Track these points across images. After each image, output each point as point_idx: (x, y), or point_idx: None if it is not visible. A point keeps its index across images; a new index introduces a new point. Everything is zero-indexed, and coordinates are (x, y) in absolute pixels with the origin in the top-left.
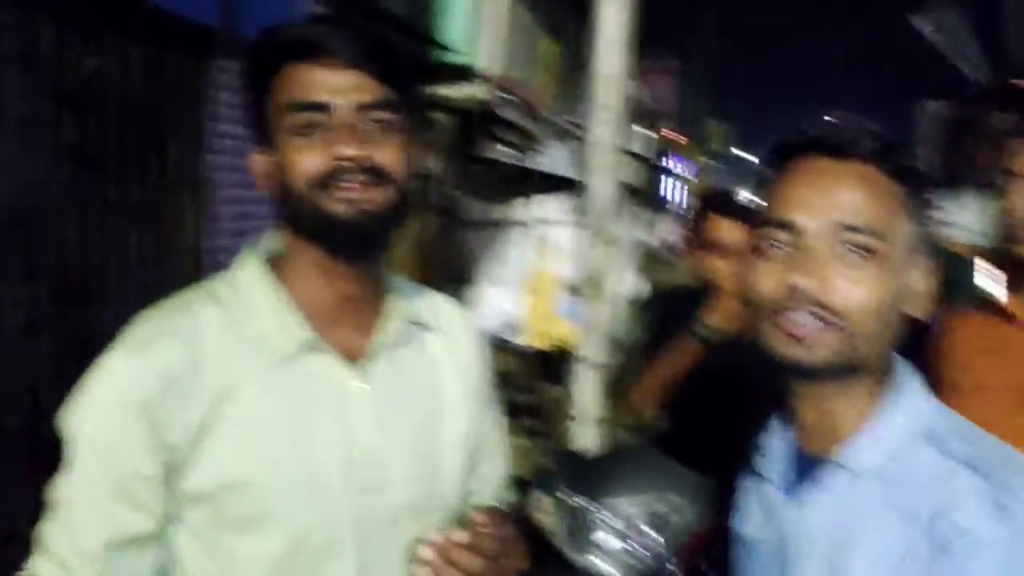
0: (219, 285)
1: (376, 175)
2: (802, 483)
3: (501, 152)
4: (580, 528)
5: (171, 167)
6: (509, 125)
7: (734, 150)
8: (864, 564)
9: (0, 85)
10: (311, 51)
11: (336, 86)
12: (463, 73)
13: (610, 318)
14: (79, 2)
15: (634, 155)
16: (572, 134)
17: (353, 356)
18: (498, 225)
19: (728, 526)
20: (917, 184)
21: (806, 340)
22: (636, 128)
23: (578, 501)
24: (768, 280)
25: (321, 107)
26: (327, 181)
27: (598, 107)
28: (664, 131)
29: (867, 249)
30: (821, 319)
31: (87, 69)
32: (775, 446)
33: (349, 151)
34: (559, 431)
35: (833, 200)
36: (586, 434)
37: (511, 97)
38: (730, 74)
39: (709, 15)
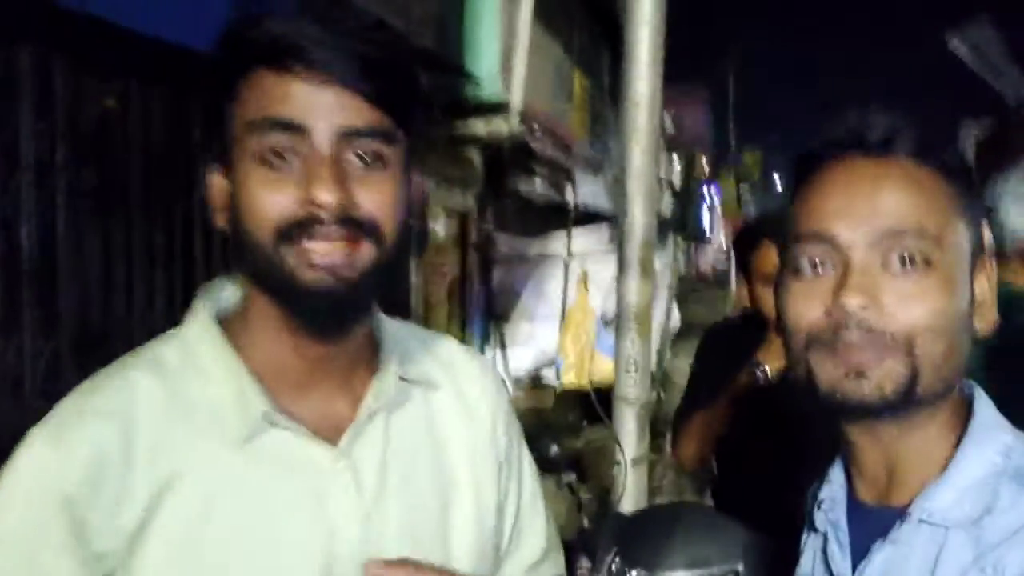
0: (165, 347)
1: (359, 228)
2: (866, 539)
3: (535, 187)
4: None
5: (196, 210)
6: (542, 159)
7: (776, 177)
8: None
9: (16, 128)
10: (288, 56)
11: (316, 104)
12: (494, 108)
13: (650, 353)
14: (95, 42)
15: (670, 186)
16: (606, 166)
17: (332, 431)
18: (535, 260)
19: None
20: (967, 181)
21: (866, 372)
22: (672, 158)
23: (632, 573)
24: (811, 306)
25: (294, 128)
26: (295, 232)
27: (631, 132)
28: (700, 161)
29: (923, 258)
30: (879, 344)
31: (105, 111)
32: (834, 497)
33: (327, 195)
34: (603, 477)
35: (876, 205)
36: (631, 479)
37: (543, 131)
38: (769, 104)
39: (742, 44)
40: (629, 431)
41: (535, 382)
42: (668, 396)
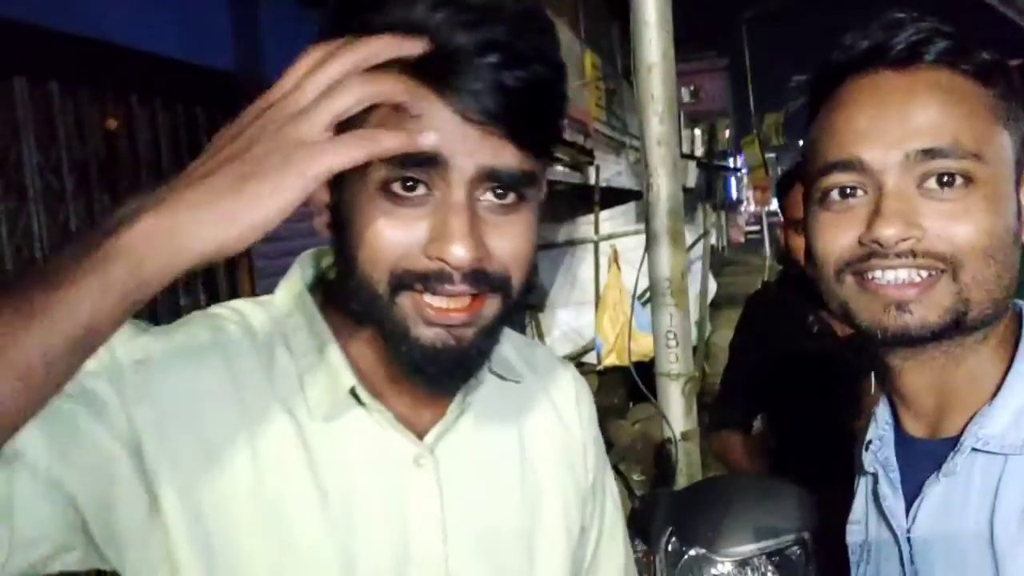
0: (255, 309)
1: (491, 283)
2: (918, 476)
3: (557, 171)
4: None
5: None
6: (562, 143)
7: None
8: (1022, 566)
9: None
10: (433, 69)
11: (459, 136)
12: None
13: (689, 324)
14: (92, 63)
15: (695, 158)
16: (626, 145)
17: (419, 424)
18: (564, 246)
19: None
20: (1007, 83)
21: (909, 306)
22: (696, 131)
23: (691, 552)
24: (842, 236)
25: (431, 162)
26: (416, 284)
27: (647, 101)
28: (723, 130)
29: (963, 176)
30: (924, 271)
31: (106, 132)
32: (882, 436)
33: (461, 252)
34: (654, 456)
35: (905, 122)
36: (683, 455)
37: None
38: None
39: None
40: (675, 406)
41: (578, 368)
42: (712, 370)
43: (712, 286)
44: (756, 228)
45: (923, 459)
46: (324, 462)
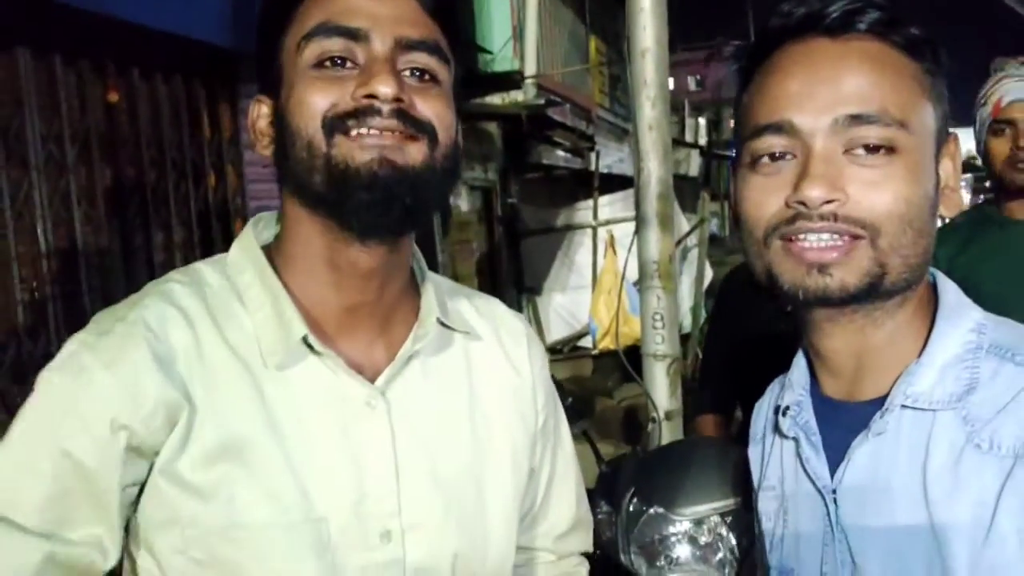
0: (208, 268)
1: (416, 126)
2: (840, 438)
3: (557, 156)
4: (653, 542)
5: (204, 202)
6: (562, 128)
7: None
8: (959, 513)
9: (21, 125)
10: None
11: (375, 13)
12: (509, 79)
13: (676, 307)
14: (94, 36)
15: (698, 146)
16: (629, 132)
17: (370, 369)
18: (562, 231)
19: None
20: (934, 58)
21: (829, 268)
22: (701, 120)
23: (650, 511)
24: (769, 199)
25: (353, 34)
26: (348, 122)
27: (640, 86)
28: (727, 119)
29: (887, 144)
30: (844, 235)
31: (108, 104)
32: (799, 401)
33: (384, 87)
34: (642, 434)
35: (836, 88)
36: (667, 433)
37: (561, 99)
38: None
39: None
40: (660, 386)
41: (573, 351)
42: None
43: (708, 273)
44: None
45: (843, 420)
46: (280, 407)
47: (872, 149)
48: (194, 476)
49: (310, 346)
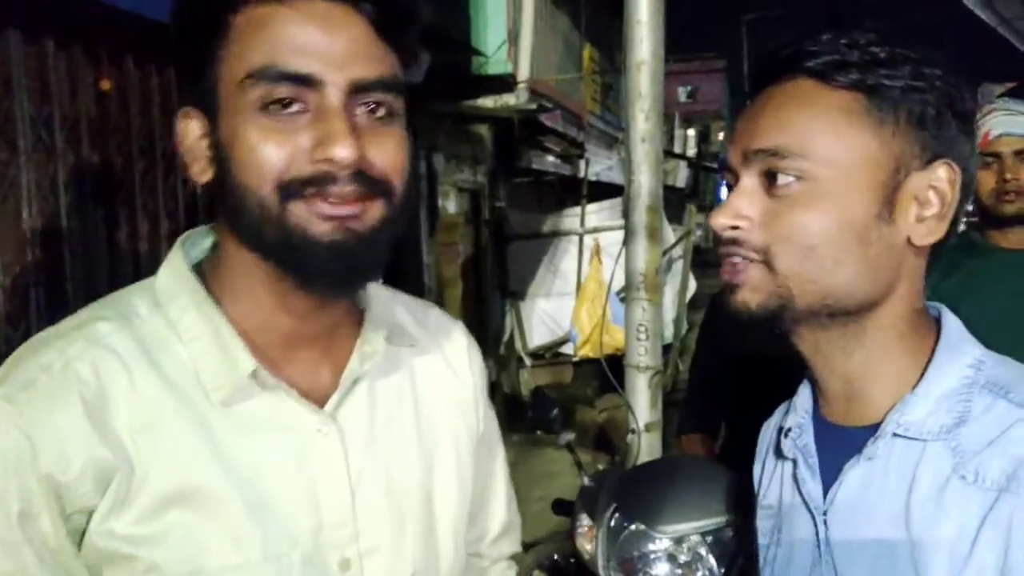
0: (135, 297)
1: (375, 187)
2: (835, 461)
3: (547, 162)
4: (632, 559)
5: (192, 193)
6: (553, 133)
7: None
8: (940, 542)
9: (10, 107)
10: None
11: (328, 53)
12: (502, 82)
13: (660, 319)
14: (88, 22)
15: (686, 158)
16: (619, 140)
17: (317, 394)
18: (549, 236)
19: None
20: (902, 92)
21: (735, 285)
22: (690, 132)
23: (631, 528)
24: (712, 225)
25: (304, 81)
26: (305, 189)
27: (635, 97)
28: (716, 131)
29: (793, 174)
30: (744, 259)
31: (99, 91)
32: (801, 424)
33: (344, 152)
34: (621, 444)
35: (750, 126)
36: (645, 444)
37: (553, 104)
38: None
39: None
40: (641, 398)
41: (554, 357)
42: (686, 367)
43: (692, 284)
44: None
45: (840, 444)
46: (229, 444)
47: (779, 180)
48: (139, 529)
49: (258, 379)
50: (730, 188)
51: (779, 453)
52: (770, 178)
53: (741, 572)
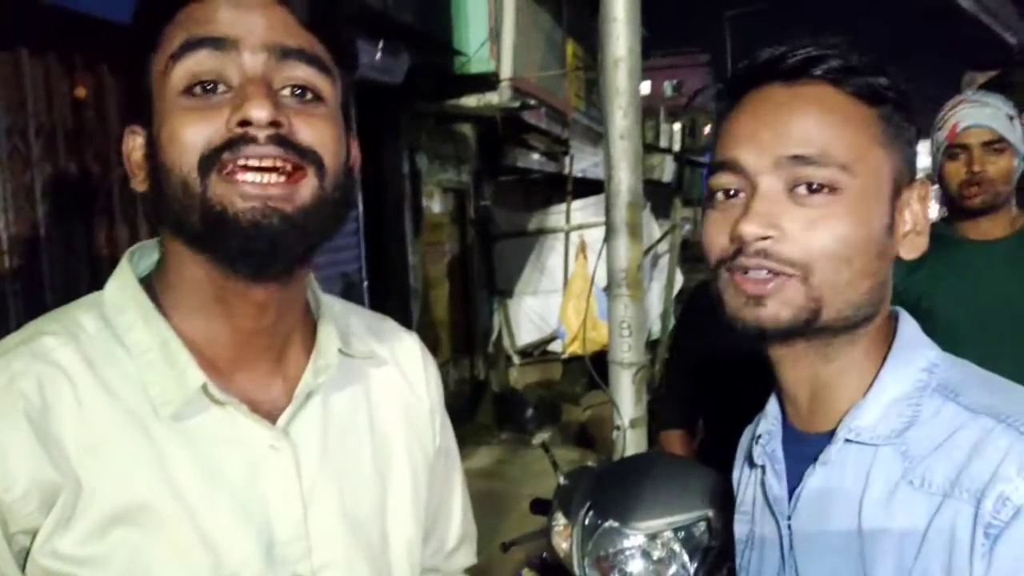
0: (81, 312)
1: (300, 154)
2: (801, 467)
3: (531, 160)
4: (607, 555)
5: None
6: (537, 131)
7: None
8: (888, 546)
9: None
10: None
11: (245, 21)
12: (484, 81)
13: (643, 315)
14: (61, 30)
15: (671, 152)
16: (603, 136)
17: (270, 407)
18: (535, 234)
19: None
20: (895, 104)
21: (763, 300)
22: (675, 126)
23: (605, 525)
24: (720, 233)
25: (219, 44)
26: (222, 155)
27: (612, 94)
28: (702, 126)
29: (827, 184)
30: (776, 272)
31: (75, 99)
32: (770, 431)
33: (259, 111)
34: (607, 441)
35: (780, 131)
36: (631, 440)
37: (536, 102)
38: None
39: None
40: (626, 394)
41: (543, 355)
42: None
43: (679, 279)
44: None
45: (805, 451)
46: (178, 461)
47: (812, 189)
48: (84, 550)
49: (208, 394)
50: (719, 194)
51: (751, 460)
52: (802, 186)
53: (713, 566)
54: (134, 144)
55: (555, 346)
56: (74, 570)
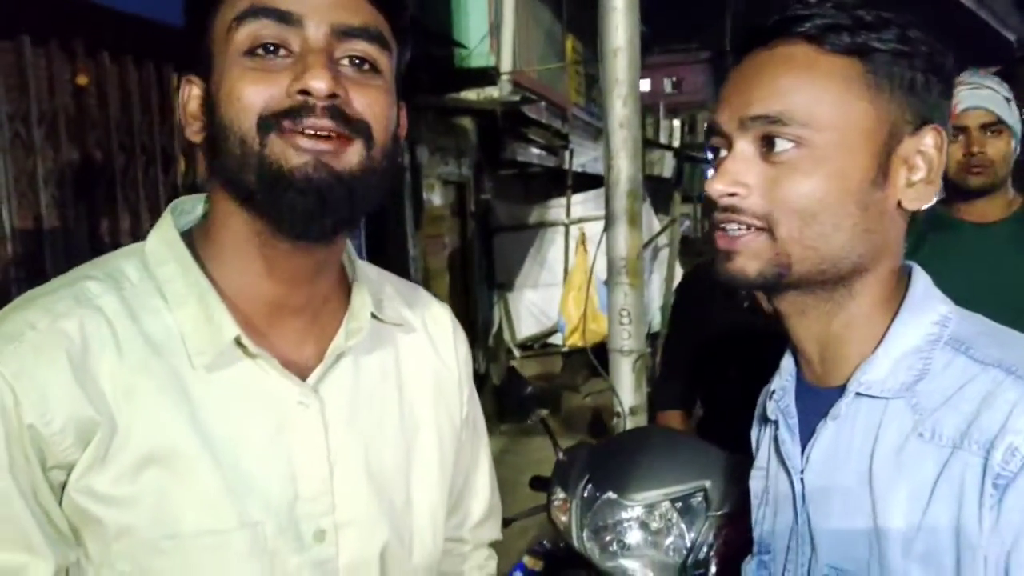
0: (125, 261)
1: (351, 126)
2: (815, 422)
3: (531, 153)
4: (606, 527)
5: (173, 187)
6: (537, 125)
7: None
8: (898, 498)
9: None
10: None
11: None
12: (484, 75)
13: (642, 303)
14: (63, 17)
15: (671, 147)
16: (603, 131)
17: (301, 366)
18: (535, 227)
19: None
20: (893, 53)
21: (732, 253)
22: (675, 122)
23: (603, 497)
24: (707, 189)
25: (286, 18)
26: (283, 121)
27: (612, 84)
28: (701, 121)
29: (793, 140)
30: (747, 226)
31: (76, 87)
32: (784, 386)
33: (318, 83)
34: (607, 429)
35: (748, 92)
36: (629, 427)
37: (536, 96)
38: None
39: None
40: (626, 381)
41: (543, 348)
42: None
43: (679, 273)
44: None
45: (817, 405)
46: (209, 410)
47: (777, 146)
48: (115, 490)
49: (242, 346)
50: (715, 153)
51: (765, 416)
52: (767, 144)
53: (711, 535)
54: (191, 94)
55: (555, 339)
56: (105, 510)
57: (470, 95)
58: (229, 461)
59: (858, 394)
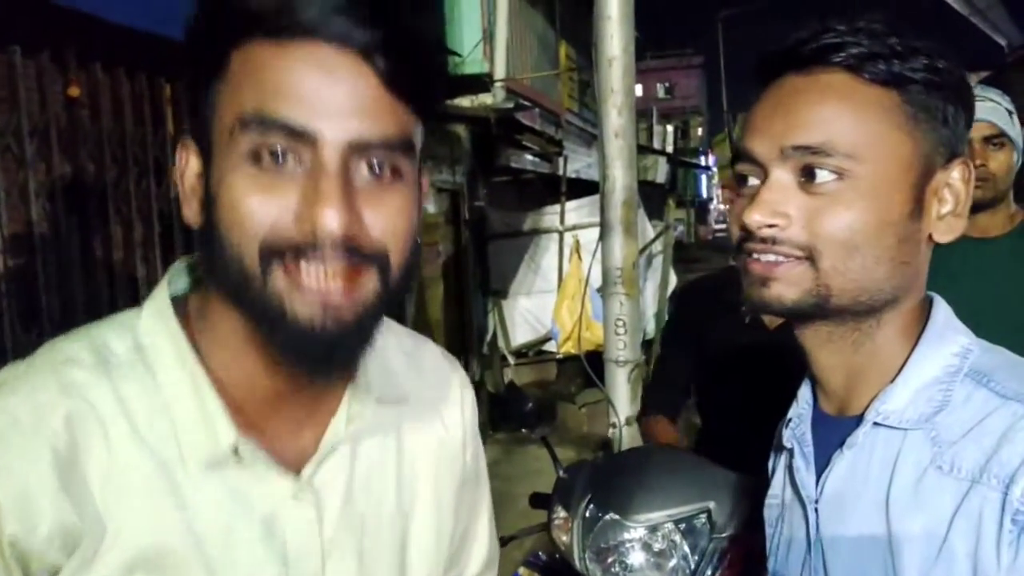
0: (113, 336)
1: (367, 257)
2: (830, 451)
3: (525, 160)
4: (608, 548)
5: (166, 199)
6: (531, 132)
7: None
8: (915, 531)
9: None
10: (292, 23)
11: (327, 104)
12: (478, 81)
13: (638, 313)
14: (55, 29)
15: (665, 153)
16: (597, 138)
17: (297, 452)
18: (529, 235)
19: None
20: (926, 84)
21: (769, 282)
22: (668, 128)
23: (605, 518)
24: (736, 218)
25: (297, 134)
26: (287, 256)
27: (607, 93)
28: (695, 128)
29: (835, 172)
30: (782, 256)
31: (68, 98)
32: (800, 414)
33: (332, 222)
34: (602, 439)
35: (789, 120)
36: (627, 438)
37: (530, 103)
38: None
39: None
40: (621, 392)
41: (538, 355)
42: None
43: (673, 279)
44: (724, 226)
45: (834, 435)
46: (201, 510)
47: (819, 178)
48: None
49: (236, 452)
50: (742, 181)
51: (781, 443)
52: (807, 175)
53: (715, 559)
54: (188, 165)
55: (550, 346)
56: None
57: (464, 102)
58: (221, 562)
59: (876, 424)
